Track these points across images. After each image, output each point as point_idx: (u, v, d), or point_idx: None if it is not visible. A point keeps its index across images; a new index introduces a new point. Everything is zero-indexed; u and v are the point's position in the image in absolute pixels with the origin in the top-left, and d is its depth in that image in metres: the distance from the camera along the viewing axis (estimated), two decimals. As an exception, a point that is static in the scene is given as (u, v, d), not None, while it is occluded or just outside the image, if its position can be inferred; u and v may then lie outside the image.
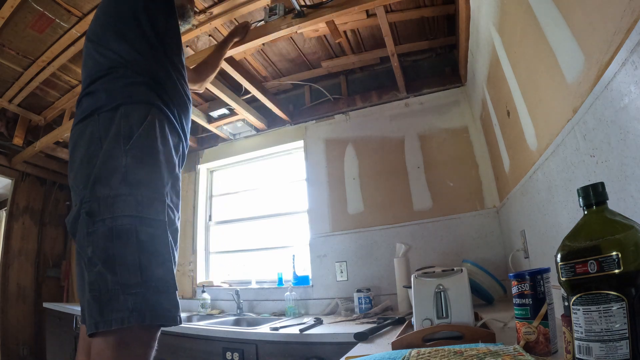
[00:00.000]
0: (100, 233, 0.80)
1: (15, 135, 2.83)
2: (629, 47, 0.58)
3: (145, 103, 0.94)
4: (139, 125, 0.90)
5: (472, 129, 2.18)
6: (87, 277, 0.78)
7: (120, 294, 0.76)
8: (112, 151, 0.86)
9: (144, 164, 0.88)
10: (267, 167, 2.86)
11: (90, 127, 0.91)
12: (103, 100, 0.92)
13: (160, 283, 0.81)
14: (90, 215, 0.81)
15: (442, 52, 2.38)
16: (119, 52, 0.99)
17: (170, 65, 1.07)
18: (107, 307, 0.76)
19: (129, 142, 0.87)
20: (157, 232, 0.85)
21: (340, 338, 1.42)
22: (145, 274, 0.79)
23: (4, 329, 2.86)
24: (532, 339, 0.68)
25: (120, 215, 0.81)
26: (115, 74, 0.96)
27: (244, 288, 2.49)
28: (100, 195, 0.82)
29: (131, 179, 0.84)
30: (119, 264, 0.78)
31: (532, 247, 1.37)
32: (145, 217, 0.83)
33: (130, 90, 0.94)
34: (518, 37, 1.13)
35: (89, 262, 0.79)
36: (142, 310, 0.77)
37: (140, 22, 1.05)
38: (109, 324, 0.75)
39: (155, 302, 0.79)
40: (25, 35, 2.01)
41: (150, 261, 0.81)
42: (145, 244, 0.81)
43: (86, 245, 0.80)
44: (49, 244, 3.38)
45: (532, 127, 1.17)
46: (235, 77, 2.14)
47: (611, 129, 0.68)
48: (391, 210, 2.25)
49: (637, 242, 0.45)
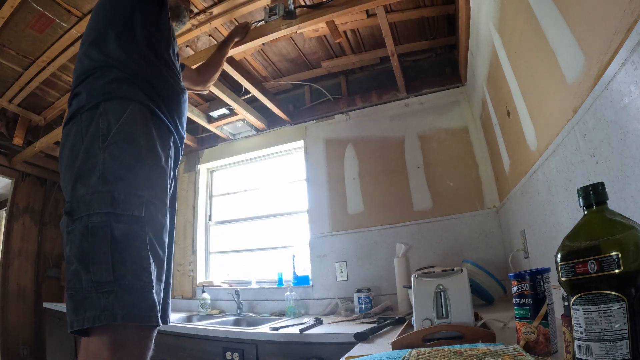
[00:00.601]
0: (77, 232, 0.79)
1: (15, 135, 2.83)
2: (629, 47, 0.58)
3: (124, 98, 0.93)
4: (117, 121, 0.89)
5: (472, 129, 2.18)
6: (66, 276, 0.80)
7: (93, 292, 0.75)
8: (90, 149, 0.85)
9: (121, 160, 0.86)
10: (267, 167, 2.86)
11: (75, 127, 0.91)
12: (84, 100, 0.92)
13: (135, 281, 0.79)
14: (70, 214, 0.81)
15: (442, 52, 2.38)
16: (104, 53, 0.99)
17: (157, 60, 1.06)
18: (81, 305, 0.75)
19: (107, 138, 0.87)
20: (133, 229, 0.82)
21: (340, 338, 1.42)
22: (118, 272, 0.77)
23: (4, 329, 2.86)
24: (532, 339, 0.68)
25: (95, 213, 0.79)
26: (97, 73, 0.96)
27: (244, 288, 2.49)
28: (80, 194, 0.82)
29: (108, 175, 0.83)
30: (92, 262, 0.76)
31: (532, 247, 1.37)
32: (119, 213, 0.81)
33: (110, 87, 0.94)
34: (518, 37, 1.13)
35: (67, 260, 0.80)
36: (114, 310, 0.75)
37: (131, 19, 1.05)
38: (81, 322, 0.74)
39: (128, 301, 0.77)
40: (25, 35, 2.01)
41: (124, 259, 0.79)
42: (118, 241, 0.79)
43: (65, 244, 0.81)
44: (49, 244, 3.38)
45: (532, 127, 1.17)
46: (235, 77, 2.14)
47: (611, 129, 0.68)
48: (391, 210, 2.25)
49: (637, 242, 0.45)
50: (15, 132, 2.83)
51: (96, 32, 1.04)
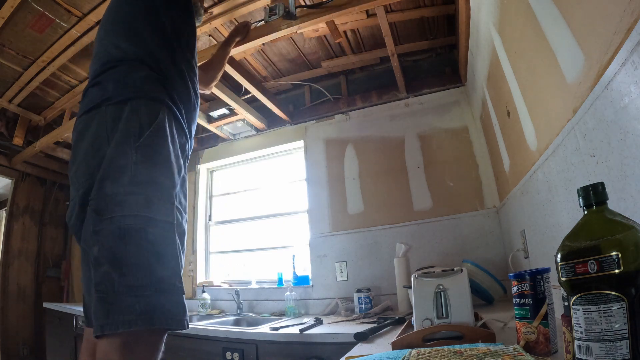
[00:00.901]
0: (108, 232, 0.77)
1: (15, 135, 2.83)
2: (629, 47, 0.58)
3: (156, 100, 0.91)
4: (150, 123, 0.87)
5: (472, 129, 2.18)
6: (94, 278, 0.75)
7: (127, 295, 0.73)
8: (121, 148, 0.82)
9: (154, 164, 0.85)
10: (267, 167, 2.86)
11: (97, 119, 0.87)
12: (110, 92, 0.88)
13: (168, 286, 0.78)
14: (98, 212, 0.78)
15: (442, 52, 2.38)
16: (133, 45, 0.96)
17: (184, 63, 1.04)
18: (114, 309, 0.73)
19: (139, 139, 0.84)
20: (165, 234, 0.82)
21: (340, 338, 1.42)
22: (153, 276, 0.76)
23: (4, 329, 2.86)
24: (532, 339, 0.68)
25: (129, 215, 0.78)
26: (126, 66, 0.93)
27: (244, 288, 2.49)
28: (109, 193, 0.79)
29: (141, 178, 0.82)
30: (126, 265, 0.75)
31: (532, 247, 1.37)
32: (154, 217, 0.80)
33: (141, 84, 0.91)
34: (518, 37, 1.13)
35: (95, 261, 0.76)
36: (150, 314, 0.74)
37: (159, 16, 1.03)
38: (115, 326, 0.72)
39: (163, 305, 0.76)
40: (25, 35, 2.01)
41: (158, 263, 0.78)
42: (153, 246, 0.79)
43: (92, 244, 0.77)
44: (49, 244, 3.38)
45: (532, 127, 1.17)
46: (235, 77, 2.14)
47: (611, 129, 0.68)
48: (391, 210, 2.25)
49: (637, 242, 0.45)
50: (15, 132, 2.83)
51: (127, 24, 1.00)
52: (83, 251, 0.83)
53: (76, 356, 2.48)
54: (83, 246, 0.82)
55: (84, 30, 1.97)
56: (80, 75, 2.42)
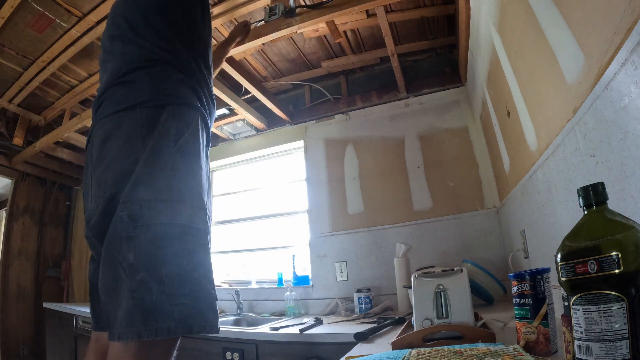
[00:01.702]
0: (144, 239, 0.76)
1: (15, 135, 2.83)
2: (629, 47, 0.58)
3: (191, 106, 0.91)
4: (186, 129, 0.87)
5: (472, 129, 2.18)
6: (129, 284, 0.74)
7: (166, 304, 0.74)
8: (157, 154, 0.82)
9: (189, 171, 0.85)
10: (267, 167, 2.86)
11: (130, 120, 0.85)
12: (146, 95, 0.87)
13: (205, 293, 0.79)
14: (132, 218, 0.77)
15: (442, 52, 2.38)
16: (162, 46, 0.95)
17: (205, 68, 1.03)
18: (152, 316, 0.73)
19: (176, 145, 0.84)
20: (202, 242, 0.83)
21: (340, 338, 1.42)
22: (190, 284, 0.77)
23: (4, 329, 2.86)
24: (532, 339, 0.68)
25: (167, 223, 0.78)
26: (158, 67, 0.92)
27: (244, 288, 2.49)
28: (144, 199, 0.78)
29: (178, 185, 0.82)
30: (165, 274, 0.75)
31: (532, 247, 1.37)
32: (189, 225, 0.81)
33: (177, 89, 0.90)
34: (518, 37, 1.13)
35: (131, 268, 0.75)
36: (189, 321, 0.75)
37: (190, 15, 1.02)
38: (153, 333, 0.72)
39: (199, 312, 0.77)
40: (25, 35, 2.01)
41: (195, 271, 0.79)
42: (189, 253, 0.79)
43: (126, 250, 0.76)
44: (49, 244, 3.38)
45: (532, 127, 1.17)
46: (235, 77, 2.14)
47: (611, 129, 0.68)
48: (391, 210, 2.25)
49: (637, 242, 0.45)
50: (15, 132, 2.83)
51: (154, 25, 0.98)
52: (109, 254, 0.79)
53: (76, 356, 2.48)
54: (108, 248, 0.80)
55: (84, 30, 1.97)
56: (80, 75, 2.42)
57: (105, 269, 0.79)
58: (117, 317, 0.74)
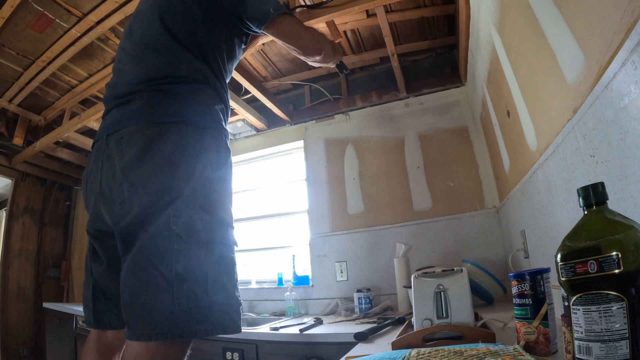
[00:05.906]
0: (194, 253, 0.85)
1: (15, 135, 2.83)
2: (629, 47, 0.58)
3: (223, 131, 0.99)
4: (222, 152, 0.96)
5: (472, 129, 2.18)
6: (174, 292, 0.82)
7: (207, 310, 0.84)
8: (205, 173, 0.90)
9: (225, 191, 0.96)
10: (267, 167, 2.86)
11: (176, 133, 0.89)
12: (192, 113, 0.93)
13: (234, 300, 0.91)
14: (187, 234, 0.85)
15: (442, 52, 2.38)
16: (198, 64, 0.98)
17: (227, 90, 1.09)
18: (194, 319, 0.83)
19: (216, 167, 0.93)
20: (232, 255, 0.93)
21: (340, 338, 1.42)
22: (228, 294, 0.89)
23: (4, 329, 2.85)
24: (532, 339, 0.68)
25: (212, 242, 0.88)
26: (201, 86, 0.97)
27: (244, 288, 2.48)
28: (194, 217, 0.86)
29: (222, 204, 0.93)
30: (211, 285, 0.86)
31: (532, 247, 1.37)
32: (225, 243, 0.91)
33: (216, 115, 0.98)
34: (518, 37, 1.13)
35: (178, 277, 0.83)
36: (224, 325, 0.87)
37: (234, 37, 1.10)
38: (193, 334, 0.83)
39: (230, 315, 0.89)
40: (25, 35, 2.01)
41: (230, 281, 0.91)
42: (227, 266, 0.90)
43: (175, 261, 0.83)
44: (49, 244, 3.38)
45: (532, 127, 1.17)
46: (235, 77, 2.14)
47: (611, 129, 0.68)
48: (391, 210, 2.25)
49: (637, 242, 0.45)
50: (15, 132, 2.83)
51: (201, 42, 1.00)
52: (144, 258, 0.84)
53: (76, 356, 2.48)
54: (144, 255, 0.84)
55: (84, 30, 1.97)
56: (80, 76, 2.42)
57: (137, 272, 0.84)
58: (148, 319, 0.81)
